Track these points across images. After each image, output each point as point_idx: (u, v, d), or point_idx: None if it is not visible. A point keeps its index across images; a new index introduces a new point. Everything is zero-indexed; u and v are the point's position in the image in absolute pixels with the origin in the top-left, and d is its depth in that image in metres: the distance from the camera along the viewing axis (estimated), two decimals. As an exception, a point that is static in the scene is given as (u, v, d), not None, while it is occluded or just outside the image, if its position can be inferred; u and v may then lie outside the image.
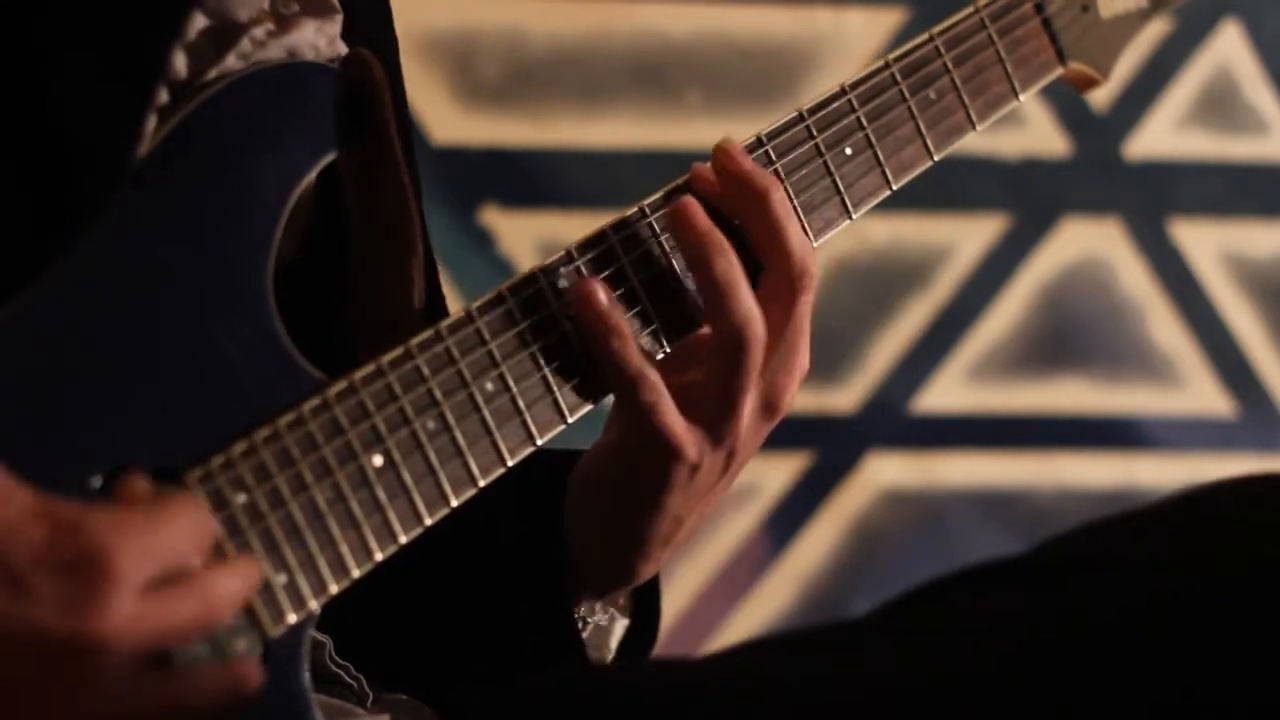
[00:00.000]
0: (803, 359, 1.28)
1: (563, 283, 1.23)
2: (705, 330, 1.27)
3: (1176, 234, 2.84)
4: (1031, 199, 2.80)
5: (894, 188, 1.37)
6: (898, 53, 1.37)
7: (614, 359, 1.22)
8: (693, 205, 1.26)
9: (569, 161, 2.67)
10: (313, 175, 1.20)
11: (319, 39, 1.28)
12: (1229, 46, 2.84)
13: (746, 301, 1.24)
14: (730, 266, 1.24)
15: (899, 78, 1.37)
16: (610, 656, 1.38)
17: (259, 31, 1.24)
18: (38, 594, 0.99)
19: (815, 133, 1.33)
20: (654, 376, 1.23)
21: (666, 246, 1.27)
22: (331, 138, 1.20)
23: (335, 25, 1.29)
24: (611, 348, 1.22)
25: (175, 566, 1.05)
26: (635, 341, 1.23)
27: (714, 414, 1.25)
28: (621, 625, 1.39)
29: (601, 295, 1.22)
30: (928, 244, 2.78)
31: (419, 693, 1.35)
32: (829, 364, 2.77)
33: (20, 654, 0.99)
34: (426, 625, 1.37)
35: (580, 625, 1.35)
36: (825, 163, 1.33)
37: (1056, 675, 1.12)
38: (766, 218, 1.26)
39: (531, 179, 2.67)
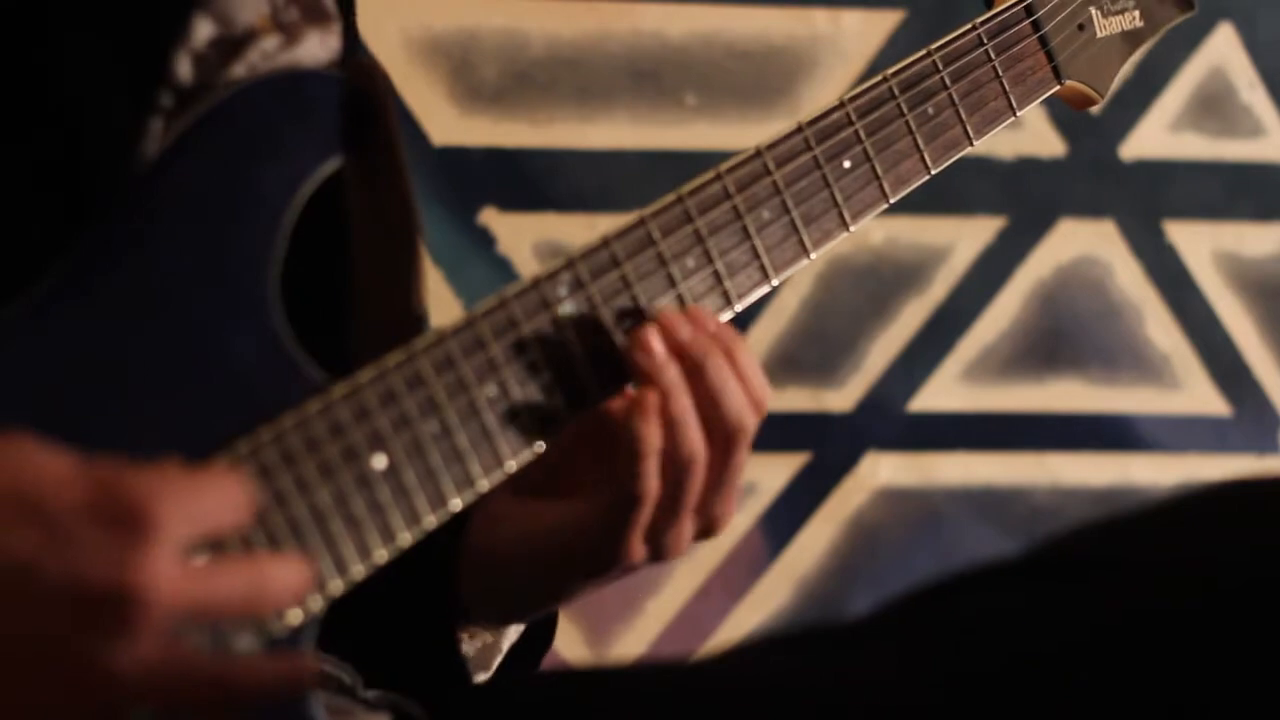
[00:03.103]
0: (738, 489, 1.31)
1: (562, 290, 1.24)
2: None
3: (1172, 235, 2.85)
4: (1027, 200, 2.81)
5: (891, 201, 1.38)
6: (896, 68, 1.39)
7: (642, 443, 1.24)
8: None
9: (567, 163, 2.68)
10: (317, 180, 1.21)
11: (322, 52, 1.29)
12: (1224, 49, 2.84)
13: (695, 440, 1.26)
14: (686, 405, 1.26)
15: (897, 92, 1.39)
16: (497, 663, 1.39)
17: (269, 44, 1.26)
18: (77, 545, 0.97)
19: (814, 144, 1.35)
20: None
21: (666, 255, 1.28)
22: (336, 144, 1.22)
23: (335, 34, 1.31)
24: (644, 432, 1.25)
25: (216, 535, 1.04)
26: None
27: (662, 519, 1.28)
28: (515, 630, 1.40)
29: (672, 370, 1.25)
30: (924, 245, 2.79)
31: (401, 692, 1.35)
32: (826, 364, 2.77)
33: (57, 605, 0.98)
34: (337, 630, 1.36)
35: (465, 644, 1.37)
36: (824, 175, 1.35)
37: (1058, 677, 1.13)
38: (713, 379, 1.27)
39: (530, 180, 2.67)
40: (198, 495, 1.03)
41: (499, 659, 1.39)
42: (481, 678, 1.38)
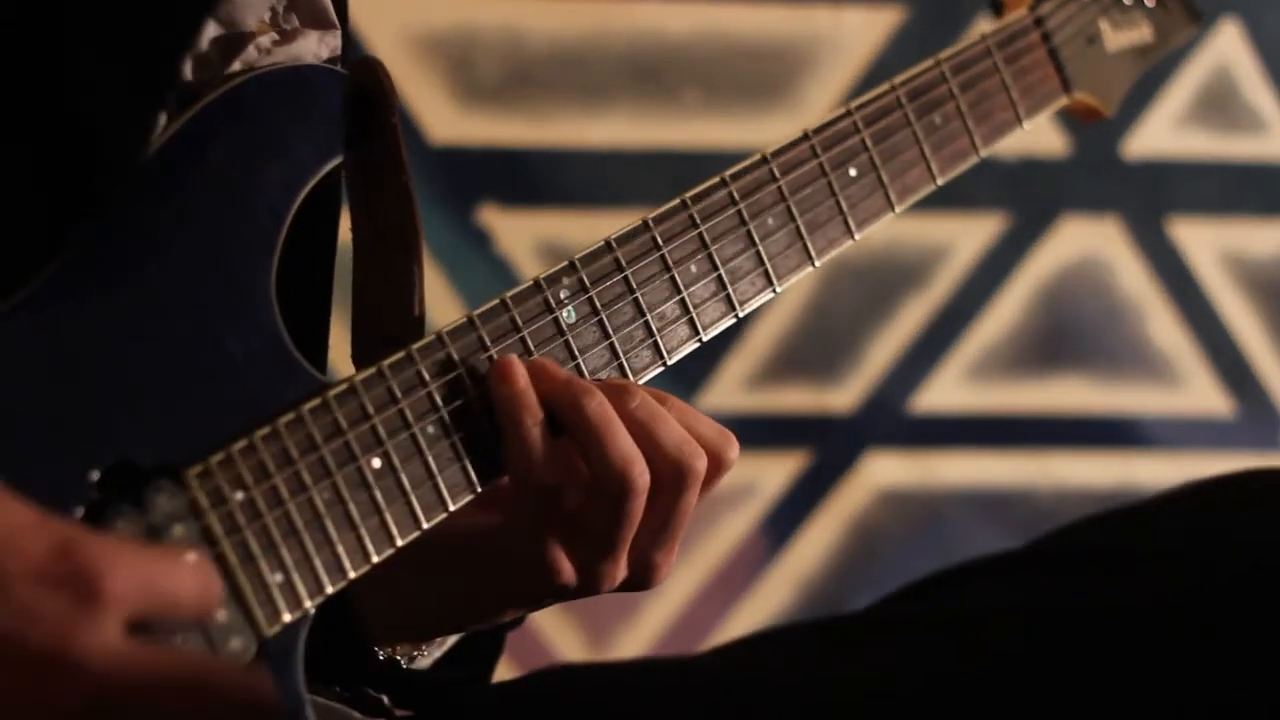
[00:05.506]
0: (678, 542, 1.24)
1: (564, 293, 1.24)
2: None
3: (1175, 233, 2.84)
4: (1030, 198, 2.80)
5: (897, 210, 1.38)
6: (903, 76, 1.38)
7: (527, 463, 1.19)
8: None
9: (567, 161, 2.67)
10: (318, 178, 1.20)
11: (321, 49, 1.28)
12: (1228, 45, 2.84)
13: (624, 444, 1.19)
14: (603, 405, 1.19)
15: (904, 101, 1.38)
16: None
17: (264, 40, 1.25)
18: (25, 606, 0.97)
19: (819, 152, 1.34)
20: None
21: (670, 260, 1.28)
22: (338, 141, 1.21)
23: (335, 38, 1.30)
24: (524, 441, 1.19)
25: (168, 612, 1.03)
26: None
27: (594, 547, 1.22)
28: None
29: (520, 375, 1.19)
30: (926, 243, 2.78)
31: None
32: (827, 363, 2.77)
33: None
34: None
35: (406, 661, 1.33)
36: (829, 183, 1.34)
37: (1057, 670, 1.13)
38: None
39: (529, 178, 2.67)
40: (152, 568, 1.02)
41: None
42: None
